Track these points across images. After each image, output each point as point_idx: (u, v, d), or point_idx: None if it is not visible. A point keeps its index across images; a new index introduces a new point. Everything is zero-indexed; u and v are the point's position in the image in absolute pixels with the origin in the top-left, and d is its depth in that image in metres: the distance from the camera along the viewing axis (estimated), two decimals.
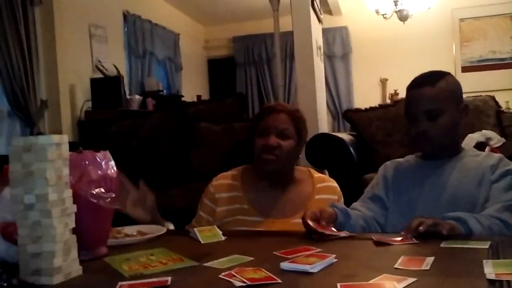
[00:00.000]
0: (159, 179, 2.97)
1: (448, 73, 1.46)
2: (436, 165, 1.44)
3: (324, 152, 2.86)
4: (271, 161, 1.55)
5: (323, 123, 4.37)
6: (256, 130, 1.61)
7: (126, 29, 5.11)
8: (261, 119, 1.61)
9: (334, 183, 1.67)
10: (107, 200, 1.13)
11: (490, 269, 0.85)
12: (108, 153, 1.20)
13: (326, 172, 2.56)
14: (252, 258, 1.03)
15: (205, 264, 1.01)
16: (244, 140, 2.92)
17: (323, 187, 1.63)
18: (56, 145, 0.99)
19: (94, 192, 1.11)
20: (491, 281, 0.80)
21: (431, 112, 1.39)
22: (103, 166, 1.16)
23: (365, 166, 2.95)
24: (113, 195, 1.15)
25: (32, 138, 0.98)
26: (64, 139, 1.02)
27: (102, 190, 1.13)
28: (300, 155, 1.68)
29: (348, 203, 1.57)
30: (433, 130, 1.39)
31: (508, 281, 0.80)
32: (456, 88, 1.44)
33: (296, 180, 1.65)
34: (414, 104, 1.43)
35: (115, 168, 1.19)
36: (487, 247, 1.02)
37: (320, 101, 4.08)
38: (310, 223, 1.21)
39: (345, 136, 3.10)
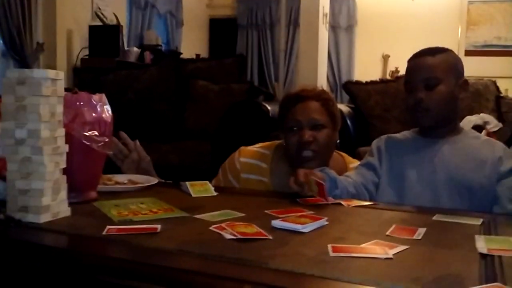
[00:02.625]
0: (152, 133, 2.95)
1: (450, 50, 1.47)
2: (434, 142, 1.42)
3: None
4: (310, 159, 1.43)
5: None
6: (284, 123, 1.48)
7: None
8: (288, 110, 1.48)
9: None
10: (100, 144, 1.11)
11: (482, 244, 0.84)
12: (104, 96, 1.17)
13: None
14: (243, 214, 1.02)
15: (196, 216, 1.00)
16: (241, 102, 2.90)
17: None
18: (52, 80, 0.95)
19: (87, 134, 1.09)
20: (483, 255, 0.80)
21: (429, 80, 1.39)
22: (98, 109, 1.13)
23: (360, 139, 2.95)
24: (107, 139, 1.12)
25: (27, 70, 0.94)
26: (60, 75, 0.99)
27: (96, 133, 1.11)
28: (338, 140, 1.56)
29: None
30: (430, 99, 1.38)
31: (499, 257, 0.79)
32: (456, 61, 1.45)
33: (331, 168, 1.47)
34: (413, 72, 1.43)
35: (110, 112, 1.16)
36: (479, 223, 1.02)
37: (321, 70, 4.03)
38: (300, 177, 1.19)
39: (343, 107, 3.08)
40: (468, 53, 6.13)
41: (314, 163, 1.42)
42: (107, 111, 1.15)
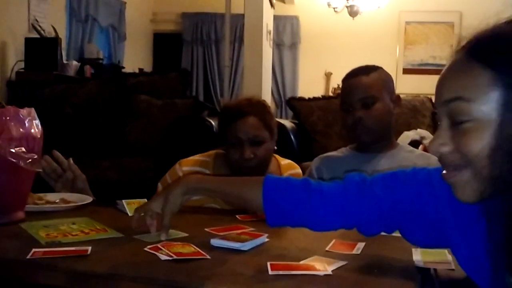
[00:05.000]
0: (91, 149, 2.84)
1: (381, 67, 1.52)
2: (371, 157, 1.46)
3: None
4: (251, 170, 1.47)
5: None
6: (225, 137, 1.51)
7: None
8: (228, 125, 1.51)
9: (299, 170, 1.65)
10: (28, 161, 1.04)
11: (419, 257, 0.86)
12: (33, 111, 1.10)
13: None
14: (186, 234, 0.98)
15: (135, 237, 0.95)
16: (185, 117, 2.85)
17: (291, 175, 1.58)
18: None
19: (14, 151, 1.02)
20: (420, 269, 0.81)
21: (366, 99, 1.43)
22: (26, 124, 1.07)
23: (304, 154, 2.97)
24: (35, 156, 1.06)
25: None
26: None
27: (23, 149, 1.04)
28: (275, 148, 1.60)
29: None
30: (369, 118, 1.43)
31: (435, 269, 0.80)
32: (388, 79, 1.51)
33: (268, 171, 1.57)
34: (349, 92, 1.47)
35: (39, 128, 1.10)
36: None
37: (265, 86, 4.07)
38: None
39: (286, 122, 3.10)
40: (406, 71, 6.41)
41: (255, 173, 1.43)
42: (36, 126, 1.09)
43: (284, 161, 1.64)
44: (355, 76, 1.47)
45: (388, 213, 0.82)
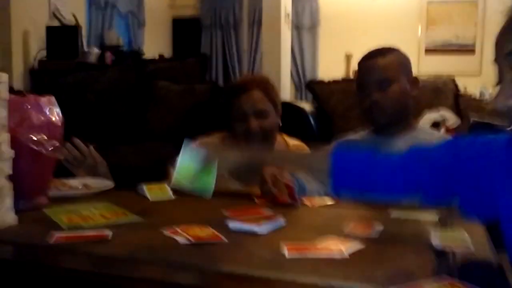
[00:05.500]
0: (113, 135, 2.88)
1: (398, 49, 1.50)
2: (389, 139, 1.45)
3: (284, 121, 2.84)
4: (258, 143, 1.50)
5: (286, 92, 4.33)
6: (231, 112, 1.54)
7: None
8: (233, 100, 1.54)
9: (308, 151, 1.66)
10: (49, 148, 1.06)
11: (437, 240, 0.85)
12: (53, 98, 1.12)
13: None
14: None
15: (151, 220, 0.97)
16: (204, 102, 2.86)
17: None
18: None
19: (35, 138, 1.04)
20: (438, 251, 0.80)
21: (382, 82, 1.42)
22: (47, 112, 1.08)
23: (323, 138, 2.96)
24: (56, 144, 1.08)
25: None
26: (3, 78, 0.94)
27: (45, 137, 1.06)
28: (280, 123, 1.63)
29: None
30: (385, 100, 1.42)
31: (453, 252, 0.80)
32: (405, 60, 1.49)
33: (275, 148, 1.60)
34: (365, 74, 1.46)
35: (60, 115, 1.11)
36: (436, 219, 1.03)
37: (284, 70, 4.04)
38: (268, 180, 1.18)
39: (306, 106, 3.09)
40: (428, 52, 6.27)
41: (261, 146, 1.50)
42: (57, 114, 1.10)
43: (293, 142, 1.65)
44: (371, 58, 1.46)
45: (450, 179, 0.82)
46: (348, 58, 6.51)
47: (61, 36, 3.99)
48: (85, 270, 0.75)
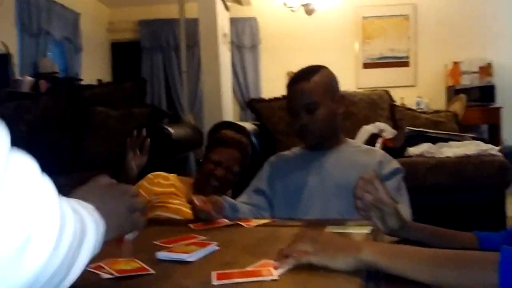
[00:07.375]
0: (46, 166, 2.76)
1: (323, 67, 1.53)
2: (319, 154, 1.51)
3: None
4: (215, 188, 1.68)
5: (228, 111, 4.34)
6: (207, 154, 1.78)
7: (18, 4, 4.68)
8: (215, 147, 1.77)
9: None
10: None
11: None
12: None
13: None
14: None
15: None
16: (143, 126, 2.79)
17: None
18: None
19: None
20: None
21: (308, 106, 1.46)
22: None
23: (267, 155, 2.96)
24: None
25: None
26: None
27: None
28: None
29: None
30: (313, 123, 1.46)
31: None
32: (330, 80, 1.52)
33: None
34: (293, 99, 1.50)
35: None
36: (368, 232, 1.03)
37: (225, 89, 4.04)
38: (196, 202, 1.19)
39: (248, 125, 3.08)
40: (366, 65, 6.48)
41: (219, 191, 1.63)
42: None
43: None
44: (296, 82, 1.49)
45: None
46: (289, 75, 6.59)
47: None
48: None
